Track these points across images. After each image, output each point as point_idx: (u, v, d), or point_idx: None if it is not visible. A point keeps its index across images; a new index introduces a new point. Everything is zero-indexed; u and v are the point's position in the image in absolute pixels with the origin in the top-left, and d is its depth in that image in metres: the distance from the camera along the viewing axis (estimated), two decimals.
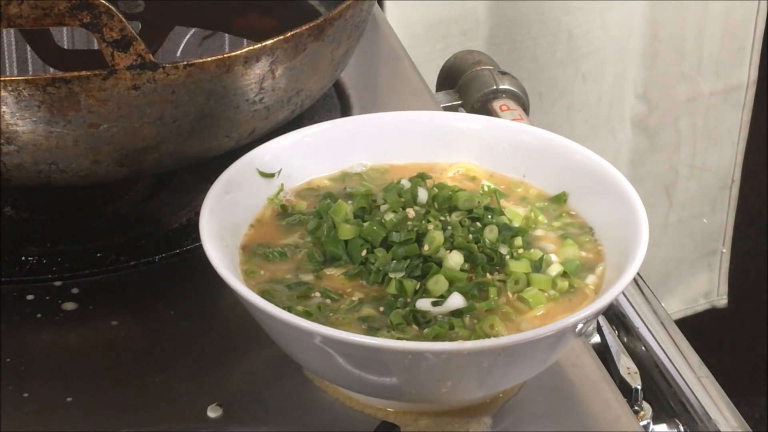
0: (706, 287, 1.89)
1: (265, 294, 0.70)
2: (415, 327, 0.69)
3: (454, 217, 0.75)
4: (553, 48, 1.59)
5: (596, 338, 0.88)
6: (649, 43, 1.67)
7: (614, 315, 0.91)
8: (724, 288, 1.89)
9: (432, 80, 1.18)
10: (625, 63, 1.67)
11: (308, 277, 0.73)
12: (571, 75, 1.62)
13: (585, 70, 1.62)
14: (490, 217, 0.75)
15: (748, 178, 1.83)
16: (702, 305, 1.90)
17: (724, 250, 1.87)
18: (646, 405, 0.84)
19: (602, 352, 0.87)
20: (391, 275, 0.71)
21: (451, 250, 0.72)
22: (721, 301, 1.90)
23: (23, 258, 0.84)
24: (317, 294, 0.71)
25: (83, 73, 0.75)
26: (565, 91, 1.63)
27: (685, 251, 1.85)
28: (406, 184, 0.78)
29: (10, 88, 0.74)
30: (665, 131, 1.75)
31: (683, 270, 1.87)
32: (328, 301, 0.71)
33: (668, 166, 1.78)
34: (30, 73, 1.00)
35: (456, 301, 0.70)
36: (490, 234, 0.74)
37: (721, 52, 1.72)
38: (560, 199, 0.79)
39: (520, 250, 0.73)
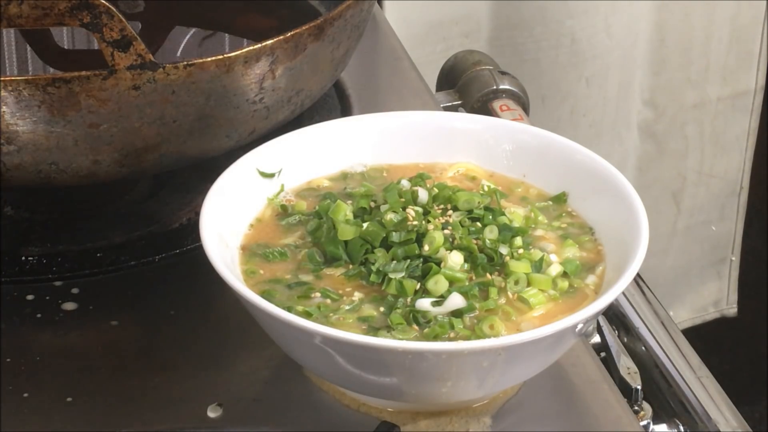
0: (716, 296, 1.87)
1: (265, 294, 0.70)
2: (415, 327, 0.69)
3: (454, 217, 0.75)
4: (556, 51, 1.59)
5: (596, 338, 0.87)
6: (655, 49, 1.67)
7: (614, 315, 0.91)
8: (734, 297, 1.87)
9: (432, 80, 1.18)
10: (631, 68, 1.66)
11: (308, 277, 0.73)
12: (574, 79, 1.62)
13: (589, 74, 1.62)
14: (490, 217, 0.75)
15: (757, 185, 1.82)
16: (711, 314, 1.88)
17: (734, 258, 1.86)
18: (646, 405, 0.84)
19: (602, 352, 0.87)
20: (391, 275, 0.71)
21: (451, 250, 0.72)
22: (731, 309, 1.88)
23: (23, 258, 0.84)
24: (317, 294, 0.71)
25: (83, 73, 0.75)
26: (568, 95, 1.62)
27: (694, 259, 1.84)
28: (406, 184, 0.78)
29: (10, 88, 0.74)
30: (672, 137, 1.74)
31: (692, 278, 1.85)
32: (328, 301, 0.71)
33: (676, 172, 1.77)
34: (30, 73, 1.00)
35: (456, 301, 0.70)
36: (490, 234, 0.74)
37: (728, 57, 1.71)
38: (560, 199, 0.79)
39: (520, 250, 0.73)
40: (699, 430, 0.83)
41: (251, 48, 0.79)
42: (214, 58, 0.78)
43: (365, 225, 0.73)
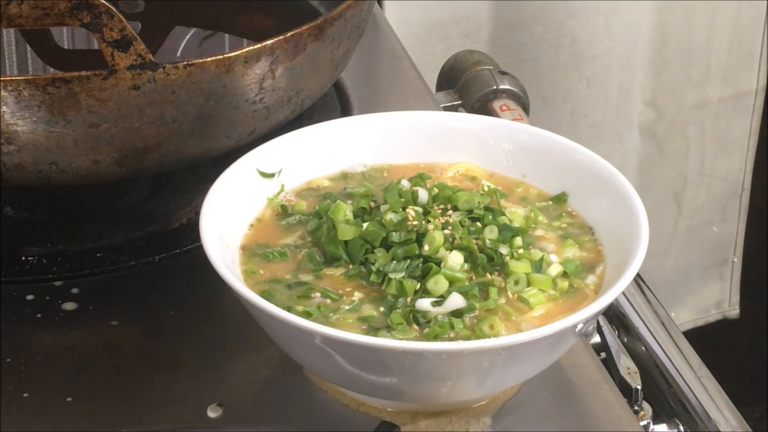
0: (718, 297, 1.87)
1: (265, 294, 0.70)
2: (415, 327, 0.69)
3: (454, 217, 0.75)
4: (556, 52, 1.59)
5: (596, 338, 0.87)
6: (656, 49, 1.66)
7: (614, 315, 0.91)
8: (736, 298, 1.87)
9: (432, 80, 1.18)
10: (631, 69, 1.66)
11: (308, 277, 0.73)
12: (575, 79, 1.61)
13: (589, 74, 1.62)
14: (490, 217, 0.75)
15: (759, 186, 1.82)
16: (713, 315, 1.88)
17: (735, 260, 1.85)
18: (646, 405, 0.84)
19: (602, 352, 0.87)
20: (391, 275, 0.71)
21: (451, 250, 0.72)
22: (733, 311, 1.87)
23: (23, 258, 0.84)
24: (317, 294, 0.71)
25: (83, 73, 0.75)
26: (569, 95, 1.62)
27: (695, 260, 1.83)
28: (406, 184, 0.78)
29: (10, 88, 0.74)
30: (674, 138, 1.74)
31: (693, 279, 1.84)
32: (328, 301, 0.71)
33: (677, 173, 1.77)
34: (30, 73, 1.00)
35: (456, 301, 0.70)
36: (490, 234, 0.74)
37: (729, 58, 1.71)
38: (560, 199, 0.79)
39: (520, 250, 0.73)
40: (699, 430, 0.83)
41: (251, 48, 0.79)
42: (214, 58, 0.78)
43: (365, 225, 0.73)
